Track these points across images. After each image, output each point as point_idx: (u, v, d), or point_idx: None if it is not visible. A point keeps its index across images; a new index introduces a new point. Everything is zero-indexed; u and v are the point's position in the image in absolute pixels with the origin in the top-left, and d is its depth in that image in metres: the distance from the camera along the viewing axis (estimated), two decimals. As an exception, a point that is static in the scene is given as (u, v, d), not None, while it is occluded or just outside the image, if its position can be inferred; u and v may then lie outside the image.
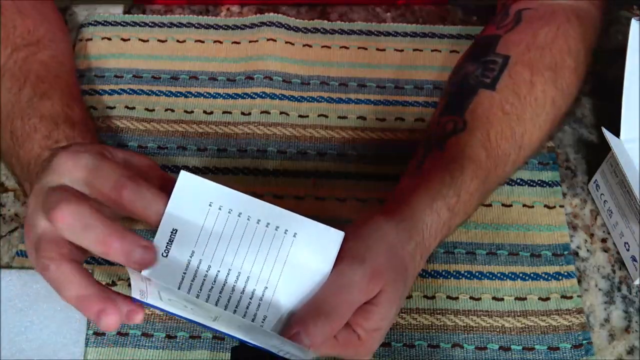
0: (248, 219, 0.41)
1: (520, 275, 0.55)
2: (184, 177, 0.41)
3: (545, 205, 0.59)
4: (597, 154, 0.59)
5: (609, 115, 0.56)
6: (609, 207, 0.57)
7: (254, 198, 0.41)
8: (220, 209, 0.41)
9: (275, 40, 0.68)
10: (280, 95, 0.64)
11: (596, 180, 0.59)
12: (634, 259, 0.55)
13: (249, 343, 0.42)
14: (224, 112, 0.64)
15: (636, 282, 0.55)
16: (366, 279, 0.42)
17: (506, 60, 0.54)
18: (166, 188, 0.41)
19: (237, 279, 0.42)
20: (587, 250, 0.57)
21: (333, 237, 0.41)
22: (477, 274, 0.55)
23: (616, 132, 0.55)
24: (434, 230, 0.48)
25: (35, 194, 0.42)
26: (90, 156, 0.42)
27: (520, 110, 0.53)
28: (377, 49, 0.68)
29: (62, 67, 0.58)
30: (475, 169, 0.51)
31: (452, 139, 0.52)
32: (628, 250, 0.55)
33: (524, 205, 0.59)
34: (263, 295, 0.41)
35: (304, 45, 0.68)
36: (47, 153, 0.48)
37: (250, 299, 0.42)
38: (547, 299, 0.54)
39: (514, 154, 0.53)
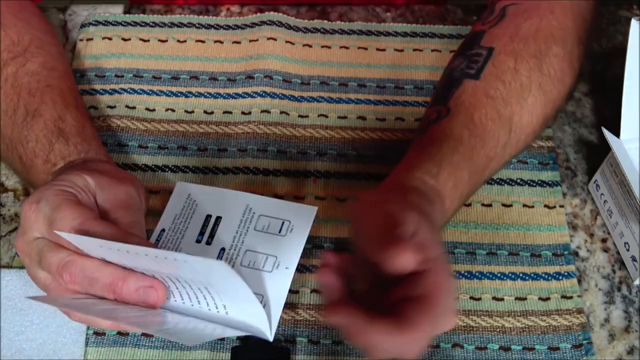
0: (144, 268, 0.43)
1: (520, 275, 0.55)
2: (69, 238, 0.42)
3: (545, 205, 0.59)
4: (597, 154, 0.59)
5: (609, 115, 0.56)
6: (609, 207, 0.57)
7: (132, 246, 0.40)
8: (110, 249, 0.41)
9: (275, 40, 0.68)
10: (280, 95, 0.64)
11: (596, 180, 0.59)
12: (634, 259, 0.55)
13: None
14: (224, 112, 0.64)
15: (636, 282, 0.55)
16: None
17: (490, 52, 0.54)
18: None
19: (191, 300, 0.45)
20: (587, 250, 0.57)
21: (222, 270, 0.39)
22: (477, 274, 0.55)
23: (616, 132, 0.55)
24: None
25: (25, 249, 0.45)
26: (48, 205, 0.44)
27: (505, 94, 0.53)
28: (377, 49, 0.68)
29: (53, 72, 0.57)
30: (455, 145, 0.50)
31: (434, 125, 0.52)
32: (628, 250, 0.55)
33: (524, 205, 0.59)
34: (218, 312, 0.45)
35: (304, 45, 0.68)
36: (50, 178, 0.50)
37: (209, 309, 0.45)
38: (547, 299, 0.54)
39: (503, 134, 0.52)
